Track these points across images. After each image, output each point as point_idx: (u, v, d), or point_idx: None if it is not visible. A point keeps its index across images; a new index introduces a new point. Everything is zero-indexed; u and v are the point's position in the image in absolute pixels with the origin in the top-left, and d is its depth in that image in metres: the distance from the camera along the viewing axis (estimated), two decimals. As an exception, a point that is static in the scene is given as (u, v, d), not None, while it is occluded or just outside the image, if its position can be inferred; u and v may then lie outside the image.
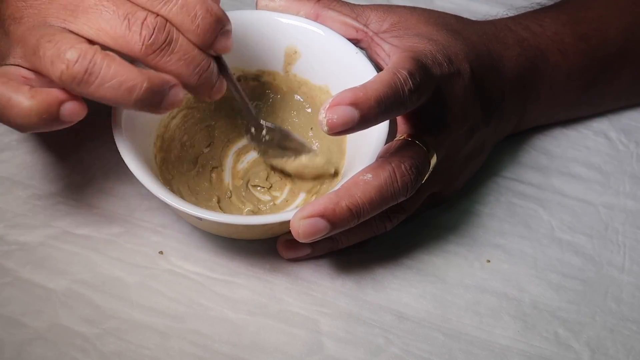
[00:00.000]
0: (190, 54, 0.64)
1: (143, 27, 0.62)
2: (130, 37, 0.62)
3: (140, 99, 0.62)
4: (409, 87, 0.64)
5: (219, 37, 0.65)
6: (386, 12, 0.74)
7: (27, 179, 0.76)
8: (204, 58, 0.64)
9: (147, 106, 0.63)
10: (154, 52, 0.62)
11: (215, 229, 0.71)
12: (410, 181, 0.66)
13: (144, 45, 0.62)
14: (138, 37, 0.62)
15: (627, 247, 0.77)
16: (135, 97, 0.61)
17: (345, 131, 0.62)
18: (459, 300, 0.72)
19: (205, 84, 0.65)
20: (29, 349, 0.67)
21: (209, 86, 0.66)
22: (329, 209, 0.64)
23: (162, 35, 0.62)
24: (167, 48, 0.63)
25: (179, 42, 0.63)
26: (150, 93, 0.62)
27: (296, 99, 0.79)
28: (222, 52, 0.66)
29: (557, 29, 0.79)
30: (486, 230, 0.77)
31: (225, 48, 0.66)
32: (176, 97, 0.63)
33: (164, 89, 0.63)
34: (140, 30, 0.62)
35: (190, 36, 0.64)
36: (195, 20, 0.63)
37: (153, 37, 0.62)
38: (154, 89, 0.62)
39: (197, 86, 0.65)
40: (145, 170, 0.68)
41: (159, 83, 0.62)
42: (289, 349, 0.69)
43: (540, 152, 0.82)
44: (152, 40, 0.62)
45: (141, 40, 0.62)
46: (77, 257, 0.72)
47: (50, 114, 0.62)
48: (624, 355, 0.71)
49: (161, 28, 0.62)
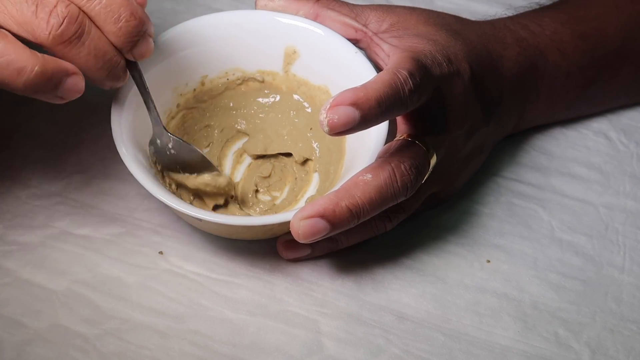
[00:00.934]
0: (101, 49, 0.62)
1: (51, 16, 0.60)
2: (37, 24, 0.60)
3: (30, 83, 0.60)
4: (409, 87, 0.64)
5: (140, 41, 0.63)
6: (385, 12, 0.74)
7: (27, 179, 0.76)
8: (115, 54, 0.63)
9: (40, 92, 0.61)
10: (63, 42, 0.60)
11: (215, 229, 0.71)
12: (410, 181, 0.66)
13: (51, 35, 0.60)
14: (45, 25, 0.60)
15: (627, 247, 0.77)
16: (25, 80, 0.59)
17: (346, 131, 0.62)
18: (459, 301, 0.72)
19: (111, 78, 0.64)
20: (29, 349, 0.67)
21: (114, 80, 0.64)
22: (329, 210, 0.64)
23: (73, 26, 0.60)
24: (77, 41, 0.61)
25: (91, 36, 0.61)
26: (42, 78, 0.60)
27: (295, 99, 0.79)
28: (139, 58, 0.65)
29: (556, 29, 0.79)
30: (486, 231, 0.77)
31: (143, 54, 0.64)
32: (75, 86, 0.62)
33: (60, 77, 0.61)
34: (48, 18, 0.60)
35: (111, 37, 0.62)
36: (117, 23, 0.62)
37: (62, 27, 0.60)
38: (47, 74, 0.60)
39: (102, 80, 0.64)
40: (145, 171, 0.68)
41: (54, 69, 0.60)
42: (289, 349, 0.69)
43: (540, 152, 0.82)
44: (61, 31, 0.60)
45: (48, 29, 0.60)
46: (77, 257, 0.72)
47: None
48: (624, 356, 0.71)
49: (73, 19, 0.60)
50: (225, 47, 0.77)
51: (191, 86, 0.77)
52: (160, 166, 0.72)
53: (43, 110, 0.80)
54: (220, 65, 0.77)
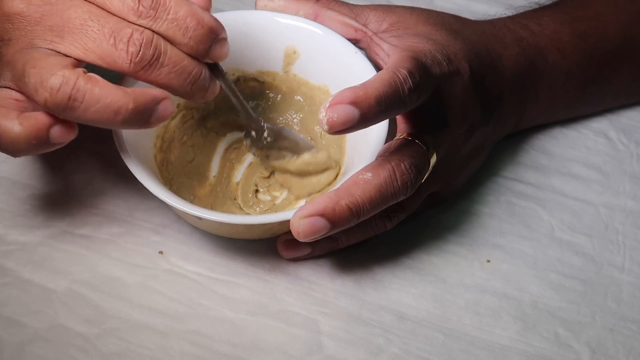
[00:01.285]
0: (180, 65, 0.63)
1: (130, 45, 0.61)
2: (118, 56, 0.62)
3: (127, 119, 0.61)
4: (408, 86, 0.64)
5: (214, 46, 0.64)
6: (385, 12, 0.74)
7: (27, 179, 0.76)
8: (195, 66, 0.64)
9: (136, 124, 0.62)
10: (143, 68, 0.62)
11: (215, 228, 0.71)
12: (410, 180, 0.66)
13: (132, 63, 0.62)
14: (125, 54, 0.61)
15: (627, 247, 0.77)
16: (123, 118, 0.61)
17: (345, 130, 0.62)
18: (459, 300, 0.72)
19: (198, 90, 0.65)
20: (29, 349, 0.67)
21: (202, 92, 0.66)
22: (329, 208, 0.64)
23: (150, 50, 0.62)
24: (156, 63, 0.62)
25: (168, 55, 0.62)
26: (136, 113, 0.61)
27: (296, 99, 0.79)
28: (217, 60, 0.65)
29: (555, 28, 0.79)
30: (486, 230, 0.77)
31: (220, 56, 0.65)
32: (166, 111, 0.63)
33: (152, 106, 0.62)
34: (127, 47, 0.61)
35: (184, 49, 0.63)
36: (187, 34, 0.63)
37: (140, 53, 0.61)
38: (140, 108, 0.62)
39: (190, 93, 0.65)
40: (145, 170, 0.68)
41: (146, 101, 0.62)
42: (289, 349, 0.69)
43: (539, 152, 0.82)
44: (140, 57, 0.62)
45: (129, 58, 0.61)
46: (77, 257, 0.72)
47: (40, 138, 0.62)
48: (624, 355, 0.71)
49: (148, 43, 0.62)
50: (225, 47, 0.77)
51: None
52: (260, 158, 0.75)
53: (43, 110, 0.80)
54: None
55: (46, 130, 0.62)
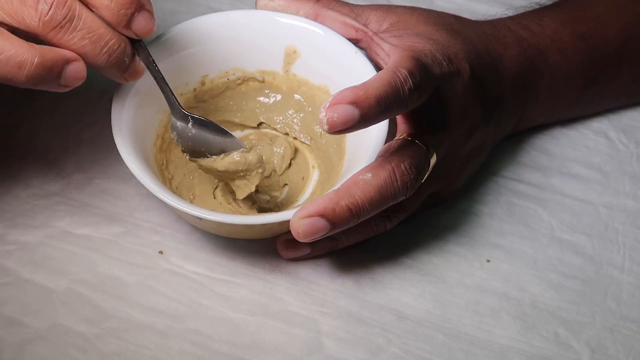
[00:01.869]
0: (96, 32, 0.61)
1: (39, 2, 0.59)
2: (26, 13, 0.60)
3: (32, 75, 0.60)
4: (408, 86, 0.64)
5: (137, 15, 0.62)
6: (386, 12, 0.74)
7: (27, 179, 0.76)
8: (114, 37, 0.62)
9: (43, 83, 0.61)
10: (54, 29, 0.60)
11: (215, 228, 0.71)
12: (410, 180, 0.66)
13: (41, 22, 0.60)
14: (34, 12, 0.60)
15: (627, 247, 0.77)
16: (27, 73, 0.60)
17: (345, 130, 0.62)
18: (458, 300, 0.72)
19: (116, 65, 0.63)
20: (29, 349, 0.67)
21: (120, 68, 0.63)
22: (329, 209, 0.64)
23: (62, 10, 0.60)
24: (69, 25, 0.60)
25: (83, 18, 0.60)
26: (43, 69, 0.60)
27: (296, 98, 0.79)
28: (142, 34, 0.63)
29: (556, 29, 0.79)
30: (486, 230, 0.77)
31: (143, 30, 0.63)
32: (76, 73, 0.61)
33: (60, 65, 0.61)
34: (36, 4, 0.59)
35: (104, 12, 0.61)
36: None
37: (50, 12, 0.59)
38: (47, 64, 0.60)
39: (106, 67, 0.63)
40: (145, 170, 0.68)
41: (53, 58, 0.60)
42: (289, 349, 0.69)
43: (540, 152, 0.82)
44: (50, 16, 0.60)
45: (37, 15, 0.60)
46: (77, 257, 0.72)
47: None
48: (624, 355, 0.71)
49: (61, 3, 0.60)
50: (226, 47, 0.77)
51: (191, 86, 0.77)
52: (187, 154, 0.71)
53: (43, 110, 0.80)
54: (220, 65, 0.77)
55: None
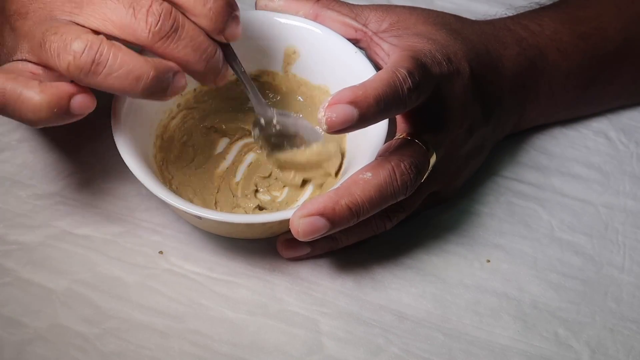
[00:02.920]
0: (197, 40, 0.64)
1: (149, 15, 0.62)
2: (137, 26, 0.62)
3: (147, 88, 0.62)
4: (408, 85, 0.64)
5: (230, 22, 0.65)
6: (385, 11, 0.74)
7: (27, 179, 0.76)
8: (211, 44, 0.65)
9: (154, 94, 0.63)
10: (161, 39, 0.62)
11: (215, 228, 0.71)
12: (409, 180, 0.66)
13: (151, 33, 0.62)
14: (144, 24, 0.62)
15: (627, 247, 0.77)
16: (143, 85, 0.62)
17: (344, 129, 0.62)
18: (459, 300, 0.72)
19: (212, 70, 0.65)
20: (29, 349, 0.67)
21: (215, 73, 0.66)
22: (329, 208, 0.64)
23: (169, 21, 0.62)
24: (174, 35, 0.63)
25: (186, 28, 0.63)
26: (156, 81, 0.62)
27: (296, 99, 0.79)
28: (231, 39, 0.66)
29: (556, 28, 0.79)
30: (486, 230, 0.77)
31: (234, 34, 0.66)
32: (179, 83, 0.64)
33: (169, 76, 0.63)
34: (146, 17, 0.62)
35: (202, 20, 0.64)
36: (207, 4, 0.63)
37: (159, 24, 0.62)
38: (160, 76, 0.62)
39: (203, 72, 0.65)
40: (145, 170, 0.68)
41: (165, 70, 0.62)
42: (289, 349, 0.69)
43: (540, 152, 0.82)
44: (159, 28, 0.62)
45: (147, 28, 0.62)
46: (77, 257, 0.72)
47: (61, 107, 0.62)
48: (624, 355, 0.71)
49: (167, 14, 0.62)
50: (226, 47, 0.77)
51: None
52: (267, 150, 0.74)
53: (43, 110, 0.80)
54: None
55: (67, 99, 0.62)
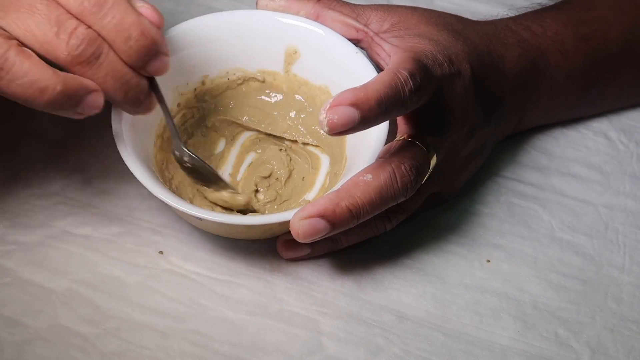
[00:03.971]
0: (118, 71, 0.63)
1: (72, 37, 0.61)
2: (57, 44, 0.61)
3: (52, 101, 0.61)
4: (409, 87, 0.64)
5: (153, 60, 0.64)
6: (387, 12, 0.74)
7: (27, 179, 0.76)
8: (133, 76, 0.64)
9: (61, 109, 0.62)
10: (80, 63, 0.61)
11: (215, 228, 0.71)
12: (410, 182, 0.66)
13: (70, 55, 0.61)
14: (64, 45, 0.61)
15: (627, 247, 0.77)
16: (48, 98, 0.61)
17: (345, 131, 0.62)
18: (459, 300, 0.72)
19: (132, 101, 0.65)
20: (29, 349, 0.67)
21: (135, 103, 0.65)
22: (329, 210, 0.64)
23: (91, 48, 0.61)
24: (95, 62, 0.62)
25: (108, 58, 0.62)
26: (64, 96, 0.61)
27: (297, 99, 0.79)
28: (155, 74, 0.65)
29: (558, 30, 0.79)
30: (486, 230, 0.77)
31: (158, 71, 0.65)
32: (94, 103, 0.63)
33: (81, 94, 0.62)
34: (69, 39, 0.61)
35: (122, 55, 0.63)
36: (128, 42, 0.62)
37: (81, 48, 0.61)
38: (69, 92, 0.61)
39: (123, 102, 0.65)
40: (145, 170, 0.68)
41: (76, 87, 0.61)
42: (289, 349, 0.69)
43: (540, 152, 0.82)
44: (80, 52, 0.61)
45: (67, 50, 0.61)
46: (77, 257, 0.72)
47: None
48: (624, 355, 0.71)
49: (91, 41, 0.61)
50: (226, 47, 0.77)
51: (192, 85, 0.77)
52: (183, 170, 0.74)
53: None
54: (221, 64, 0.77)
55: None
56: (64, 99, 0.61)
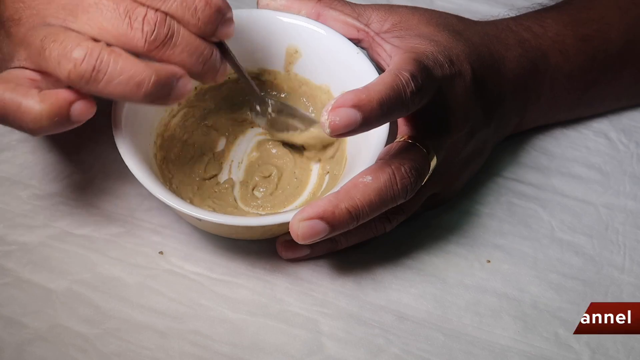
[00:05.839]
0: (192, 45, 0.64)
1: (144, 24, 0.62)
2: (133, 35, 0.62)
3: (149, 93, 0.62)
4: (411, 89, 0.64)
5: (220, 26, 0.65)
6: (387, 12, 0.74)
7: (27, 179, 0.76)
8: (207, 46, 0.65)
9: (157, 99, 0.63)
10: (157, 47, 0.63)
11: (214, 229, 0.71)
12: (409, 184, 0.66)
13: (147, 42, 0.62)
14: (140, 34, 0.62)
15: (627, 247, 0.77)
16: (145, 91, 0.62)
17: (347, 133, 0.62)
18: (459, 300, 0.73)
19: (209, 70, 0.66)
20: (29, 349, 0.67)
21: (213, 72, 0.66)
22: (328, 211, 0.64)
23: (164, 29, 0.63)
24: (170, 42, 0.63)
25: (181, 34, 0.63)
26: (158, 86, 0.62)
27: (297, 98, 0.79)
28: (224, 38, 0.67)
29: (558, 30, 0.79)
30: (486, 230, 0.77)
31: (226, 35, 0.66)
32: (185, 87, 0.64)
33: (172, 81, 0.63)
34: (142, 26, 0.62)
35: (192, 29, 0.64)
36: (195, 14, 0.64)
37: (155, 32, 0.62)
38: (162, 81, 0.62)
39: (202, 73, 0.66)
40: (145, 170, 0.68)
41: (167, 75, 0.63)
42: (289, 349, 0.69)
43: (540, 152, 0.82)
44: (155, 36, 0.62)
45: (143, 37, 0.62)
46: (77, 257, 0.72)
47: (61, 115, 0.62)
48: (624, 356, 0.71)
49: (162, 23, 0.62)
50: (227, 46, 0.77)
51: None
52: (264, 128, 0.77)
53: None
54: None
55: (67, 107, 0.62)
56: (159, 89, 0.62)
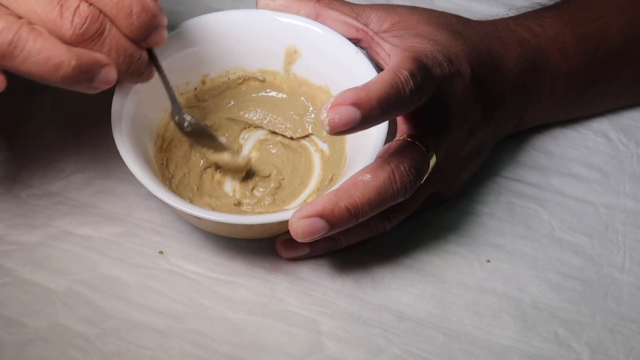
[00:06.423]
0: (121, 46, 0.64)
1: (75, 15, 0.62)
2: (61, 24, 0.62)
3: (68, 76, 0.62)
4: (410, 87, 0.64)
5: (153, 33, 0.65)
6: (387, 11, 0.74)
7: (27, 179, 0.76)
8: (135, 49, 0.65)
9: (76, 83, 0.62)
10: (85, 40, 0.62)
11: (214, 228, 0.71)
12: (409, 182, 0.66)
13: (75, 34, 0.62)
14: (69, 24, 0.62)
15: (627, 247, 0.77)
16: (63, 73, 0.61)
17: (346, 131, 0.62)
18: (459, 300, 0.72)
19: (134, 73, 0.66)
20: (29, 349, 0.67)
21: (137, 75, 0.67)
22: (328, 209, 0.64)
23: (95, 25, 0.62)
24: (98, 38, 0.63)
25: (112, 34, 0.63)
26: (78, 71, 0.62)
27: (297, 98, 0.79)
28: (154, 46, 0.67)
29: (557, 29, 0.79)
30: (486, 230, 0.77)
31: (157, 43, 0.66)
32: (108, 76, 0.63)
33: (95, 68, 0.63)
34: (72, 17, 0.62)
35: (124, 31, 0.64)
36: (130, 18, 0.63)
37: (85, 26, 0.62)
38: (83, 67, 0.62)
39: (125, 74, 0.66)
40: (145, 170, 0.68)
41: (89, 62, 0.62)
42: (289, 349, 0.69)
43: (540, 152, 0.82)
44: (84, 30, 0.62)
45: (72, 28, 0.62)
46: (77, 257, 0.72)
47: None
48: (624, 355, 0.71)
49: (94, 18, 0.62)
50: (226, 47, 0.77)
51: (192, 85, 0.77)
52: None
53: (43, 110, 0.80)
54: (221, 64, 0.77)
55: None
56: (79, 74, 0.62)
